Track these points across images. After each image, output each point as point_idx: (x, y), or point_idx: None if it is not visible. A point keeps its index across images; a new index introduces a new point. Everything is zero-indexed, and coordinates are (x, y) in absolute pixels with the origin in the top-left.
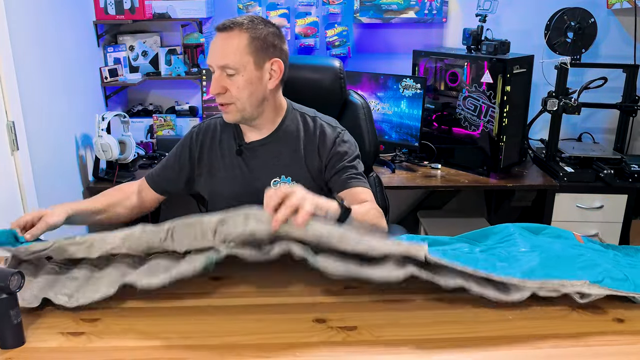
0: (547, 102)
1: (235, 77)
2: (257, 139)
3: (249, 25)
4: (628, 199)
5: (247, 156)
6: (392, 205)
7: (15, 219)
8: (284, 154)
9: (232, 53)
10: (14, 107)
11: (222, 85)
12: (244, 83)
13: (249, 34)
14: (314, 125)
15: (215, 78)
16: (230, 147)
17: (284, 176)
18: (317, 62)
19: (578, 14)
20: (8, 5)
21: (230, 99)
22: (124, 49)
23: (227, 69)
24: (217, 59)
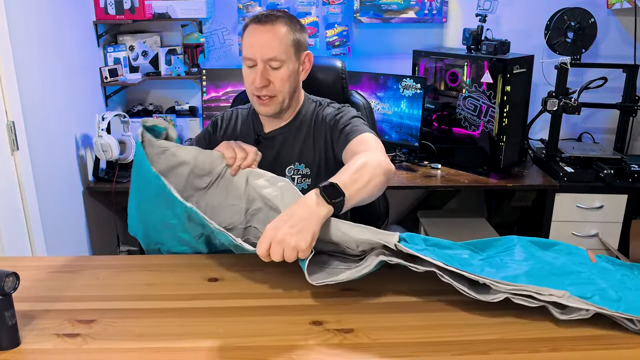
0: (547, 102)
1: (281, 69)
2: (275, 129)
3: (287, 18)
4: (628, 199)
5: (265, 145)
6: (392, 205)
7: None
8: (298, 142)
9: (279, 45)
10: (14, 107)
11: (267, 77)
12: (287, 75)
13: (289, 27)
14: (322, 109)
15: (259, 71)
16: (249, 136)
17: (297, 163)
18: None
19: (578, 14)
20: (8, 5)
21: (273, 92)
22: (124, 49)
23: (274, 61)
24: (264, 51)
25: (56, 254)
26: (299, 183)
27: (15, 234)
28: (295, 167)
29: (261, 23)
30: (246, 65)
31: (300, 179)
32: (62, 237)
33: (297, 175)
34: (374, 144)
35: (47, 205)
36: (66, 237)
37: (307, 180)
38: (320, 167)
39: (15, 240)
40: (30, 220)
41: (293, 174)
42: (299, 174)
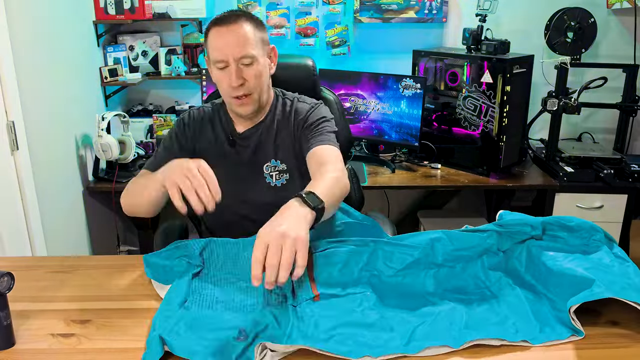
0: (547, 102)
1: (253, 66)
2: (249, 128)
3: (247, 15)
4: (628, 199)
5: (241, 146)
6: (392, 205)
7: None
8: (272, 139)
9: (247, 42)
10: (14, 107)
11: (241, 76)
12: (260, 71)
13: (251, 23)
14: (291, 106)
15: (233, 71)
16: (221, 137)
17: (273, 160)
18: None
19: (578, 14)
20: (8, 5)
21: (249, 89)
22: (124, 49)
23: (245, 58)
24: (234, 50)
25: (56, 254)
26: (277, 179)
27: (15, 234)
28: (272, 164)
29: (225, 24)
30: (217, 68)
31: (277, 175)
32: (62, 237)
33: (274, 171)
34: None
35: (47, 205)
36: (66, 237)
37: (284, 175)
38: (294, 161)
39: (15, 240)
40: (30, 220)
41: (270, 171)
42: (276, 170)
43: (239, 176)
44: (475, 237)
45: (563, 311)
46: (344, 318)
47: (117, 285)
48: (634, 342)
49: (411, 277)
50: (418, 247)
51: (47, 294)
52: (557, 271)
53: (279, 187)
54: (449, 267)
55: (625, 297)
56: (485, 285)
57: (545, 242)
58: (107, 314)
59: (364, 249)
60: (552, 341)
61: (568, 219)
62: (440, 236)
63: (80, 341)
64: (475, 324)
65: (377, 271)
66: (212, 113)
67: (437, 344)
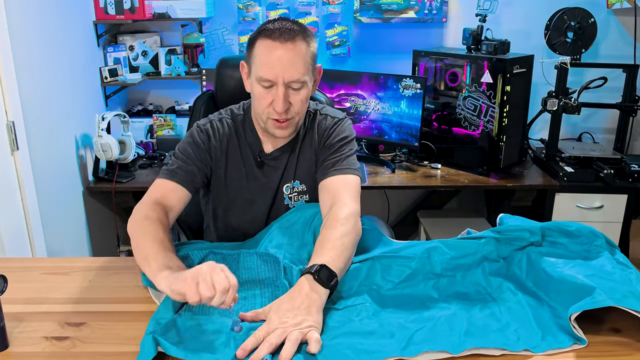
0: (547, 102)
1: (300, 91)
2: (278, 147)
3: (303, 31)
4: (628, 199)
5: (270, 167)
6: (392, 205)
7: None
8: (295, 158)
9: (303, 66)
10: (14, 107)
11: (288, 100)
12: (306, 96)
13: (307, 42)
14: (314, 121)
15: (283, 94)
16: (248, 156)
17: (293, 181)
18: None
19: (578, 14)
20: (8, 5)
21: (293, 114)
22: (124, 49)
23: (296, 83)
24: (287, 73)
25: (56, 254)
26: (296, 201)
27: (15, 234)
28: (292, 185)
29: (281, 41)
30: (262, 85)
31: (296, 197)
32: (62, 237)
33: (293, 193)
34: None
35: (47, 205)
36: (66, 237)
37: (304, 196)
38: (313, 181)
39: (15, 240)
40: (30, 220)
41: (290, 192)
42: (295, 191)
43: (260, 198)
44: (473, 244)
45: (565, 319)
46: (342, 329)
47: (114, 288)
48: (635, 351)
49: (410, 289)
50: (414, 257)
51: (42, 296)
52: (558, 278)
53: None
54: (448, 277)
55: (626, 305)
56: (486, 291)
57: (545, 248)
58: (102, 317)
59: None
60: (554, 350)
61: (567, 224)
62: (436, 245)
63: (75, 344)
64: (476, 330)
65: (376, 285)
66: (236, 127)
67: (436, 349)
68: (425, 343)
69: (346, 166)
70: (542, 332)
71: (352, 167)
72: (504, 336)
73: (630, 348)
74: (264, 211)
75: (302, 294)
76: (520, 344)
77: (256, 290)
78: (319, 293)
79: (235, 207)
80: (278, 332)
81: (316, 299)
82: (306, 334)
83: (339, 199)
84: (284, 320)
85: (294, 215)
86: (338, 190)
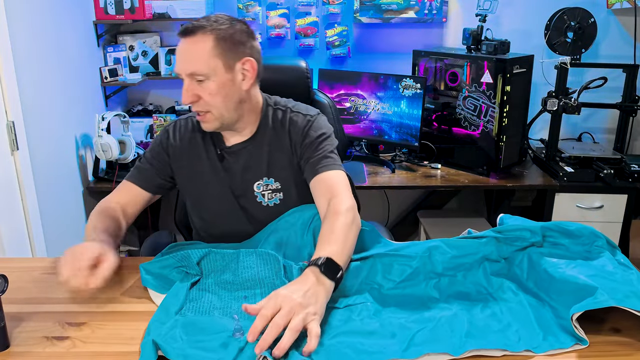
0: (547, 102)
1: (206, 82)
2: (239, 142)
3: (212, 26)
4: (628, 199)
5: (229, 161)
6: (392, 205)
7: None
8: (265, 155)
9: (198, 58)
10: (14, 107)
11: (194, 93)
12: (216, 88)
13: (214, 35)
14: (285, 118)
15: (186, 87)
16: (210, 150)
17: (266, 178)
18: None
19: (578, 14)
20: (8, 5)
21: (206, 107)
22: (123, 49)
23: (196, 75)
24: (184, 66)
25: (56, 254)
26: (270, 199)
27: (15, 234)
28: (265, 183)
29: (184, 35)
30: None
31: (270, 195)
32: (62, 237)
33: (266, 190)
34: (347, 187)
35: (47, 205)
36: (66, 237)
37: (278, 194)
38: (289, 180)
39: (15, 240)
40: (30, 220)
41: (262, 189)
42: (269, 189)
43: (231, 193)
44: (474, 243)
45: (566, 319)
46: (343, 328)
47: (114, 288)
48: (636, 351)
49: (411, 288)
50: (415, 256)
51: (42, 296)
52: (560, 278)
53: (272, 207)
54: (449, 276)
55: (628, 305)
56: (487, 291)
57: (546, 249)
58: (102, 316)
59: (362, 263)
60: (555, 350)
61: (567, 224)
62: (437, 244)
63: (75, 344)
64: (476, 331)
65: (377, 284)
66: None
67: (437, 351)
68: (426, 344)
69: (332, 162)
70: (544, 332)
71: (337, 163)
72: (505, 337)
73: (631, 348)
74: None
75: (309, 282)
76: (522, 345)
77: (256, 289)
78: (324, 285)
79: (204, 202)
80: (285, 312)
81: (322, 290)
82: (309, 323)
83: (336, 193)
84: (293, 297)
85: (292, 216)
86: (333, 185)
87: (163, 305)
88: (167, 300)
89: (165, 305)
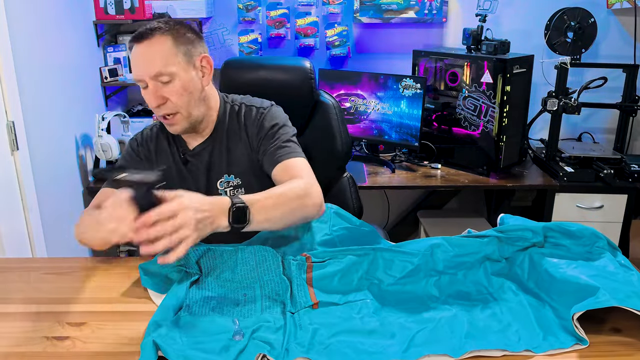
0: (547, 102)
1: (171, 83)
2: (199, 143)
3: (167, 27)
4: (628, 199)
5: (193, 163)
6: (392, 205)
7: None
8: (224, 153)
9: (161, 58)
10: (14, 107)
11: (160, 95)
12: (181, 87)
13: (171, 36)
14: (240, 113)
15: (151, 90)
16: (175, 155)
17: (226, 175)
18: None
19: (578, 14)
20: (8, 5)
21: (174, 108)
22: (123, 49)
23: (161, 76)
24: (147, 69)
25: (56, 254)
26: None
27: (15, 234)
28: (226, 180)
29: (139, 40)
30: (141, 88)
31: (232, 191)
32: (62, 237)
33: (228, 187)
34: (308, 171)
35: (47, 205)
36: (66, 237)
37: (240, 190)
38: (249, 175)
39: (15, 240)
40: (30, 220)
41: (224, 187)
42: (230, 185)
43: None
44: (476, 242)
45: (567, 319)
46: (343, 326)
47: (114, 288)
48: (636, 351)
49: (412, 285)
50: (417, 253)
51: (42, 296)
52: (561, 278)
53: None
54: (450, 275)
55: (630, 305)
56: (487, 291)
57: (548, 249)
58: (102, 317)
59: (363, 257)
60: (555, 350)
61: (568, 224)
62: (440, 242)
63: (75, 344)
64: (476, 332)
65: (377, 280)
66: (164, 130)
67: (437, 352)
68: (426, 345)
69: (290, 151)
70: (544, 332)
71: (295, 150)
72: (505, 337)
73: (632, 348)
74: None
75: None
76: (522, 345)
77: (255, 286)
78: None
79: None
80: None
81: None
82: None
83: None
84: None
85: None
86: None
87: (163, 305)
88: (167, 300)
89: (165, 305)
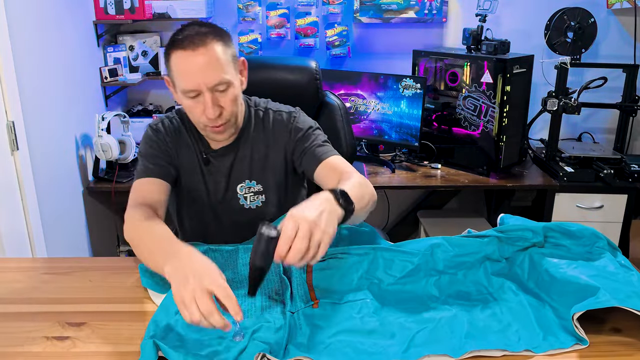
0: (547, 102)
1: (228, 91)
2: (223, 145)
3: (214, 31)
4: (628, 199)
5: (214, 164)
6: (392, 205)
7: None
8: (247, 157)
9: (220, 67)
10: (14, 107)
11: (217, 105)
12: (235, 94)
13: (221, 41)
14: (266, 119)
15: (209, 100)
16: (196, 153)
17: (248, 180)
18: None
19: (578, 14)
20: (8, 5)
21: (227, 117)
22: (123, 49)
23: (219, 85)
24: (206, 78)
25: (56, 254)
26: (252, 201)
27: (15, 234)
28: (247, 185)
29: (192, 48)
30: (189, 97)
31: (252, 197)
32: (62, 237)
33: (249, 193)
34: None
35: (47, 205)
36: (66, 237)
37: (260, 197)
38: (272, 181)
39: (15, 240)
40: (30, 220)
41: (245, 192)
42: (251, 191)
43: (214, 195)
44: (476, 242)
45: (567, 319)
46: (343, 325)
47: (114, 288)
48: (636, 351)
49: (412, 284)
50: (417, 253)
51: (42, 296)
52: (561, 279)
53: (254, 209)
54: (450, 274)
55: (630, 305)
56: (487, 291)
57: (548, 249)
58: (103, 316)
59: (363, 257)
60: (555, 350)
61: (569, 225)
62: (440, 242)
63: (75, 344)
64: (476, 332)
65: (377, 279)
66: (184, 124)
67: (437, 352)
68: (426, 346)
69: (331, 149)
70: (544, 332)
71: (333, 149)
72: (505, 337)
73: (632, 348)
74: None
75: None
76: (522, 344)
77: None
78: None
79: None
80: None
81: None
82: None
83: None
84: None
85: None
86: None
87: (163, 305)
88: (167, 300)
89: (165, 305)
